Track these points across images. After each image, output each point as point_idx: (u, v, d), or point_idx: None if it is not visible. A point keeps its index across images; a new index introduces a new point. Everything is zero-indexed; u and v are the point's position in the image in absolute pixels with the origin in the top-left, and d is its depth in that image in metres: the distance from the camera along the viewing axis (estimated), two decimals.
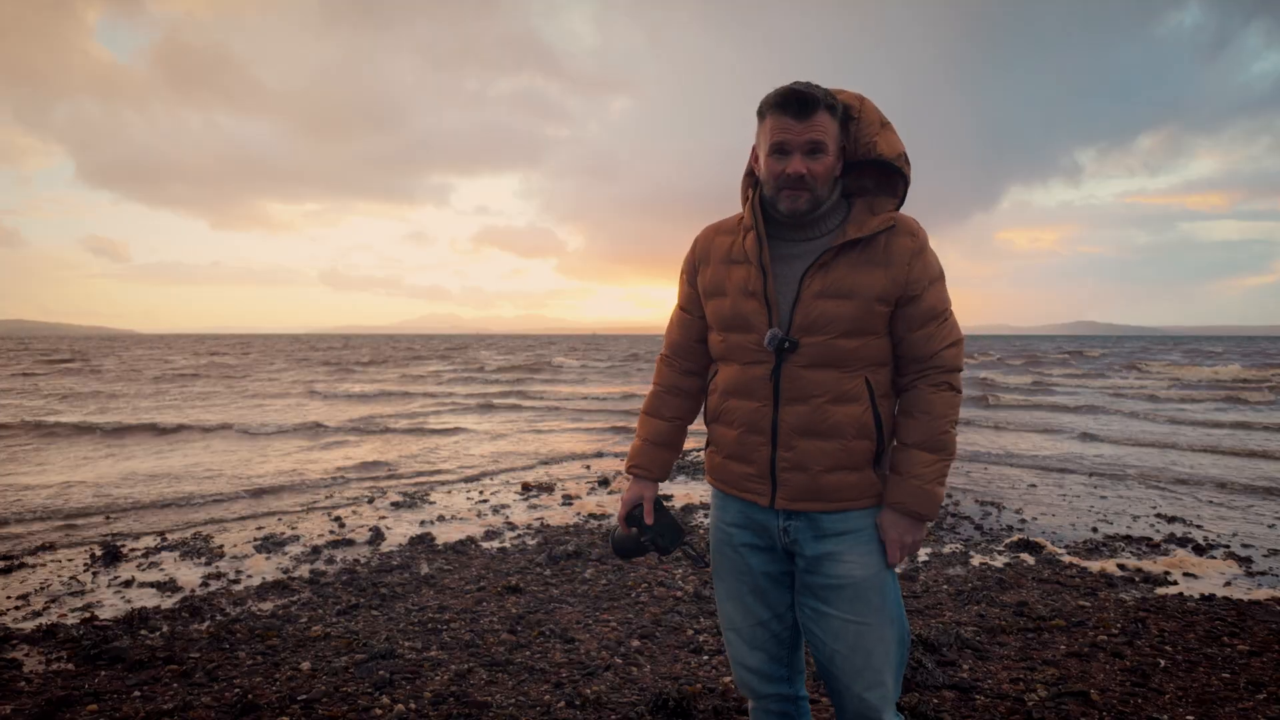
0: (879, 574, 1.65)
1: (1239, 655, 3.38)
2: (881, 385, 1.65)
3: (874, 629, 1.63)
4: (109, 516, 6.58)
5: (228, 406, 17.64)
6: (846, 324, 1.58)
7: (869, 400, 1.62)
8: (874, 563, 1.64)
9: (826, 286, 1.58)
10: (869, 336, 1.61)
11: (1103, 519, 6.44)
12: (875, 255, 1.60)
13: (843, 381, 1.61)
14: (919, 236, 1.63)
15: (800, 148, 1.55)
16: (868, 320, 1.59)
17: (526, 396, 21.24)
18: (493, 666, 3.27)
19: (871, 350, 1.62)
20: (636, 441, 1.89)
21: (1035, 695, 2.97)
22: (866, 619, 1.63)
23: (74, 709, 2.85)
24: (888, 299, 1.60)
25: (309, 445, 11.38)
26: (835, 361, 1.60)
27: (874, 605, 1.63)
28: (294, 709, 2.84)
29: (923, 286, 1.62)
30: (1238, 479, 8.36)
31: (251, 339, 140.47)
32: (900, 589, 1.75)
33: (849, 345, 1.60)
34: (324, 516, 6.50)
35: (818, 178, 1.56)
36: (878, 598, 1.64)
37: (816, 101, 1.53)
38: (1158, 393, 21.00)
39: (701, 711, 2.82)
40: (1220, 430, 12.98)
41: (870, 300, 1.59)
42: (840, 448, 1.61)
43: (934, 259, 1.65)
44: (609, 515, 6.46)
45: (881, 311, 1.60)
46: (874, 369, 1.64)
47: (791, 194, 1.57)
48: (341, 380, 27.46)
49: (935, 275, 1.64)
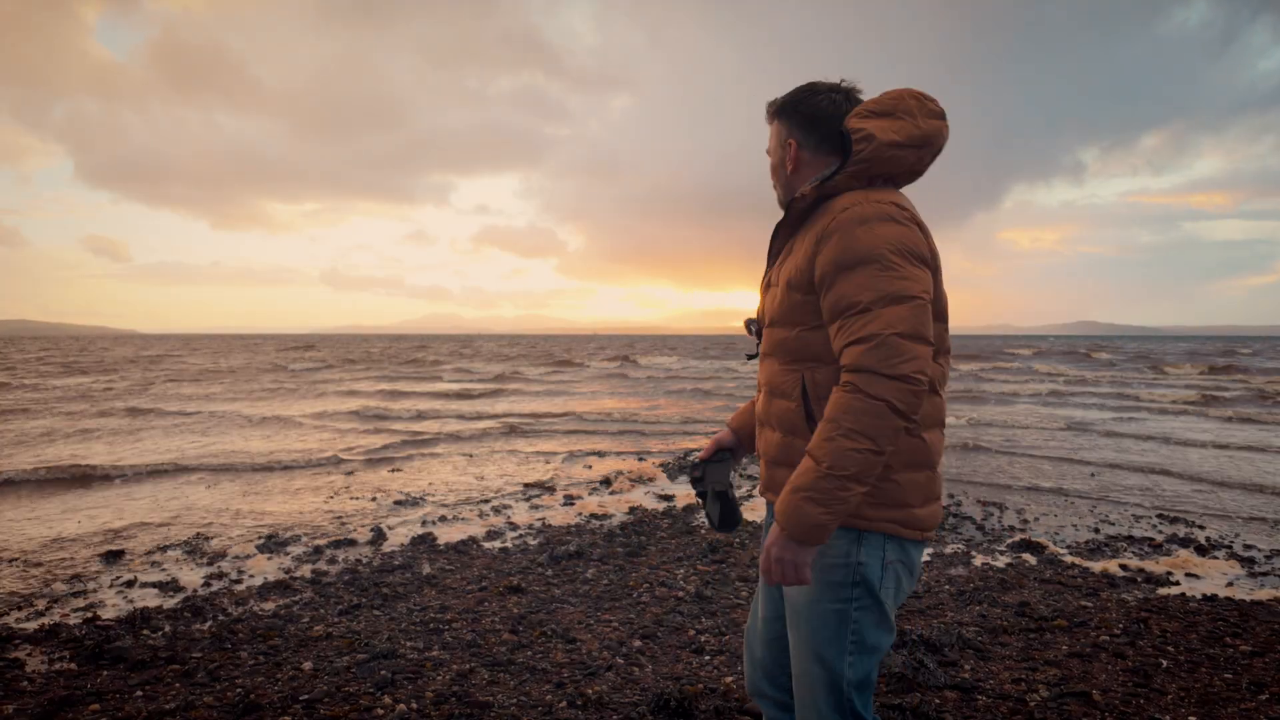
0: (813, 604, 1.52)
1: (1241, 656, 3.38)
2: (822, 385, 1.51)
3: (800, 657, 1.56)
4: (110, 517, 6.59)
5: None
6: (772, 312, 1.60)
7: (800, 398, 1.54)
8: (809, 590, 1.53)
9: (771, 274, 1.67)
10: (796, 328, 1.54)
11: (1104, 519, 6.44)
12: (801, 238, 1.56)
13: (780, 374, 1.59)
14: (840, 215, 1.45)
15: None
16: (788, 310, 1.55)
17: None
18: (494, 666, 3.27)
19: (803, 344, 1.54)
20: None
21: (1037, 695, 2.97)
22: (796, 642, 1.57)
23: (76, 709, 2.86)
24: (801, 287, 1.51)
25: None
26: (774, 352, 1.61)
27: (802, 634, 1.55)
28: (296, 709, 2.84)
29: (828, 272, 1.44)
30: (1239, 478, 8.36)
31: (255, 339, 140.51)
32: (862, 633, 1.51)
33: (779, 336, 1.59)
34: (326, 516, 6.50)
35: (773, 174, 1.70)
36: (806, 628, 1.54)
37: (768, 114, 1.69)
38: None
39: (703, 711, 2.82)
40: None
41: (785, 288, 1.56)
42: (781, 442, 1.59)
43: (858, 239, 1.42)
44: (610, 515, 6.46)
45: (799, 300, 1.52)
46: (811, 365, 1.53)
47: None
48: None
49: (853, 259, 1.41)
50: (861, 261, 1.41)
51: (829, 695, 1.52)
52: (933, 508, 1.55)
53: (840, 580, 1.50)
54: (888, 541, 1.51)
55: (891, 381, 1.35)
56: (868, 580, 1.50)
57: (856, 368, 1.37)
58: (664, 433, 13.14)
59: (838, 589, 1.50)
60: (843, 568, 1.50)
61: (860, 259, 1.41)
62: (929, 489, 1.53)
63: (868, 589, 1.50)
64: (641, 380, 28.30)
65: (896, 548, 1.52)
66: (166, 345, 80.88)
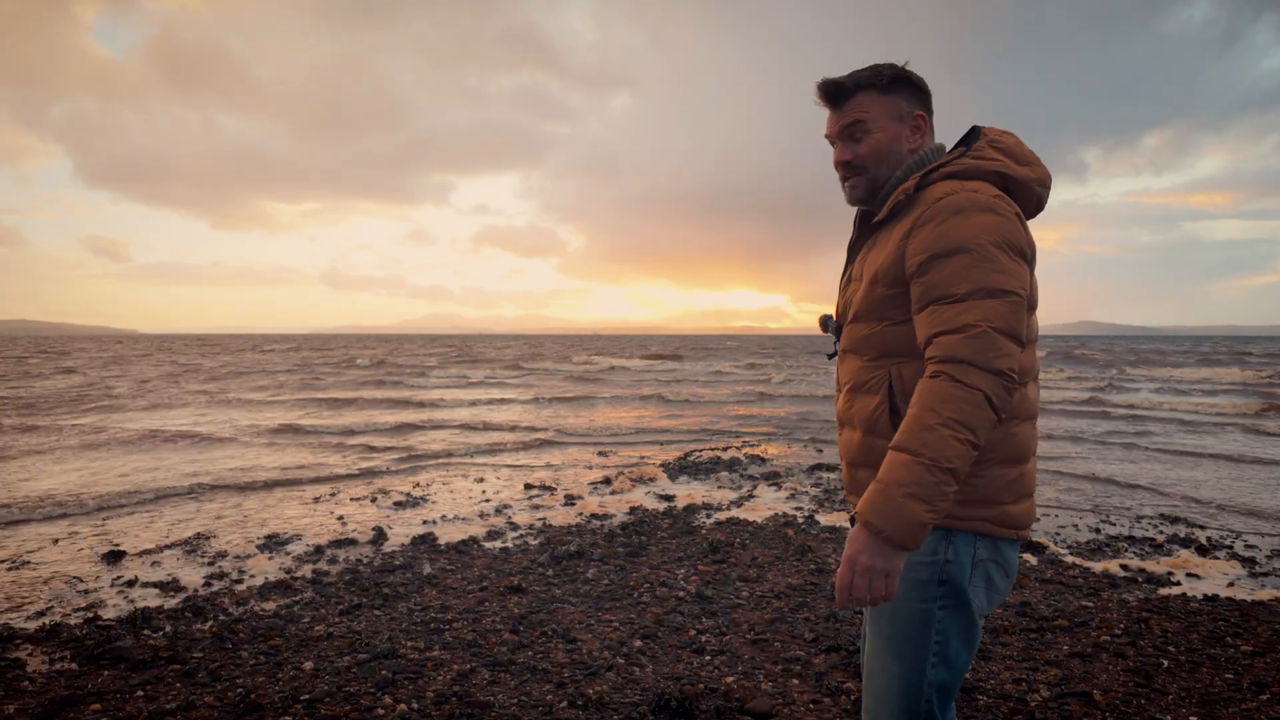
0: (898, 603, 1.45)
1: (1242, 656, 3.38)
2: (909, 381, 1.45)
3: (878, 655, 1.49)
4: (112, 515, 6.59)
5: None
6: (857, 308, 1.52)
7: (886, 395, 1.47)
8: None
9: (854, 271, 1.58)
10: (883, 323, 1.48)
11: (1105, 519, 6.43)
12: (890, 229, 1.48)
13: (863, 371, 1.52)
14: (936, 204, 1.38)
15: (839, 135, 1.54)
16: (874, 304, 1.48)
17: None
18: (495, 666, 3.27)
19: (890, 339, 1.47)
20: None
21: (1038, 695, 2.97)
22: (875, 641, 1.50)
23: (77, 708, 2.86)
24: (887, 279, 1.45)
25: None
26: (856, 348, 1.54)
27: (884, 632, 1.48)
28: (296, 709, 2.84)
29: (920, 261, 1.38)
30: (1240, 477, 8.35)
31: (260, 338, 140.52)
32: (945, 635, 1.44)
33: (863, 331, 1.52)
34: (327, 516, 6.51)
35: (865, 160, 1.51)
36: (889, 626, 1.47)
37: (845, 87, 1.51)
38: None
39: (703, 712, 2.82)
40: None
41: (871, 282, 1.49)
42: (863, 442, 1.52)
43: (955, 228, 1.35)
44: (611, 515, 6.46)
45: (885, 294, 1.46)
46: (900, 361, 1.46)
47: (846, 185, 1.56)
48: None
49: (949, 247, 1.34)
50: (958, 250, 1.33)
51: (905, 697, 1.45)
52: (1026, 504, 1.48)
53: (926, 578, 1.43)
54: (979, 540, 1.44)
55: (988, 375, 1.27)
56: (955, 580, 1.43)
57: (951, 357, 1.29)
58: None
59: (923, 587, 1.43)
60: (929, 565, 1.43)
61: (956, 248, 1.34)
62: (1022, 485, 1.47)
63: (954, 589, 1.43)
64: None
65: (989, 546, 1.44)
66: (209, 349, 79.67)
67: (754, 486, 7.80)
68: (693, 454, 10.13)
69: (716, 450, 10.47)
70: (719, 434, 12.87)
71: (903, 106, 1.51)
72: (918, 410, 1.29)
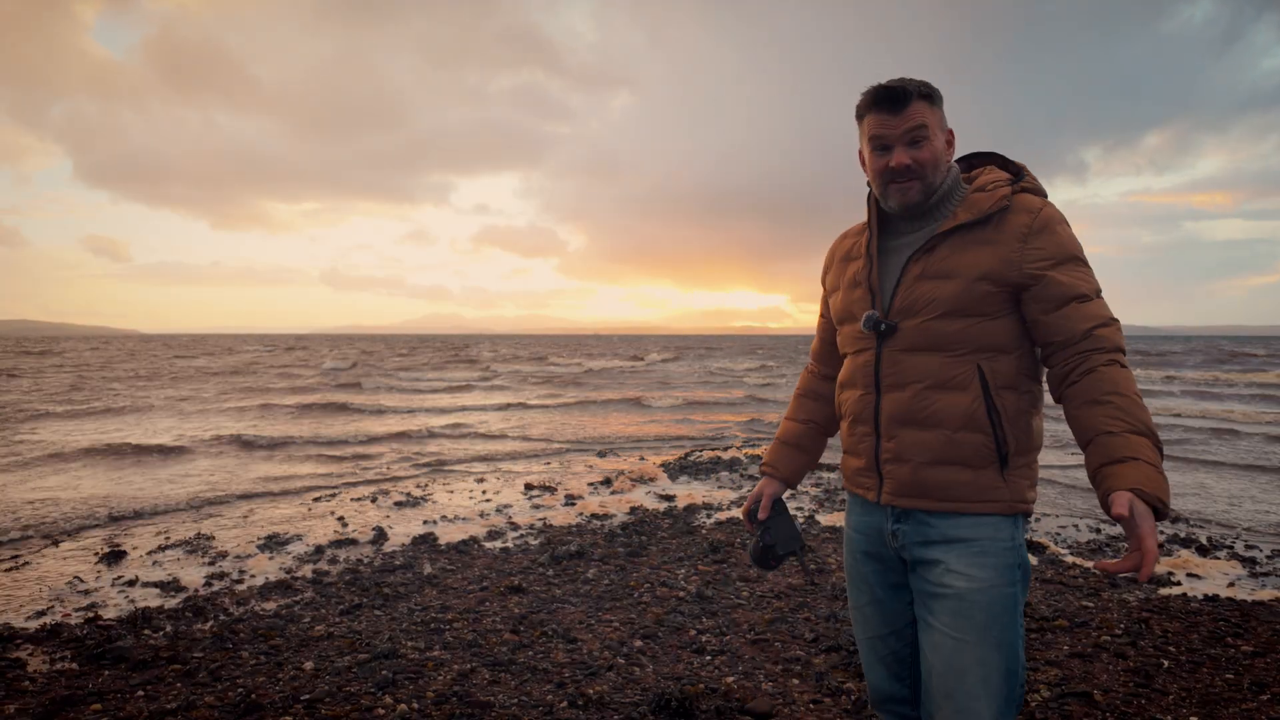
0: (989, 590, 1.49)
1: (1243, 656, 3.37)
2: (1001, 375, 1.52)
3: (971, 649, 1.48)
4: (113, 515, 6.60)
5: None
6: (946, 304, 1.53)
7: (980, 389, 1.51)
8: (984, 576, 1.49)
9: (928, 268, 1.56)
10: (976, 318, 1.52)
11: (1106, 519, 6.43)
12: (985, 234, 1.54)
13: (947, 367, 1.53)
14: (1040, 214, 1.52)
15: (900, 140, 1.56)
16: (971, 300, 1.52)
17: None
18: (495, 666, 3.27)
19: (981, 334, 1.52)
20: (773, 443, 1.95)
21: (1038, 696, 2.97)
22: (965, 635, 1.49)
23: (78, 708, 2.86)
24: (995, 278, 1.51)
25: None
26: (936, 345, 1.54)
27: (977, 623, 1.48)
28: (297, 709, 2.84)
29: (1046, 266, 1.49)
30: (1241, 478, 8.34)
31: (260, 338, 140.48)
32: (1021, 617, 1.52)
33: (951, 327, 1.53)
34: (328, 516, 6.51)
35: (925, 165, 1.56)
36: (983, 615, 1.48)
37: (908, 93, 1.54)
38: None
39: (704, 712, 2.82)
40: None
41: (972, 279, 1.51)
42: (944, 439, 1.52)
43: (1065, 238, 1.52)
44: (611, 515, 6.46)
45: (988, 291, 1.51)
46: (988, 355, 1.52)
47: (900, 186, 1.58)
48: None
49: (1065, 254, 1.50)
50: (1073, 257, 1.51)
51: (1005, 683, 1.48)
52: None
53: (1010, 563, 1.51)
54: (1023, 520, 1.57)
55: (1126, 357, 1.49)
56: (1025, 560, 1.55)
57: (1116, 346, 1.46)
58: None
59: (1010, 571, 1.51)
60: (1010, 550, 1.52)
61: (1071, 254, 1.51)
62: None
63: (1025, 569, 1.55)
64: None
65: (1025, 525, 1.60)
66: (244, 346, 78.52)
67: (754, 486, 7.80)
68: (693, 454, 10.14)
69: (717, 450, 10.48)
70: (720, 435, 12.87)
71: (944, 121, 1.60)
72: (1130, 395, 1.41)
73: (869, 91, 1.58)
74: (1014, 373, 1.53)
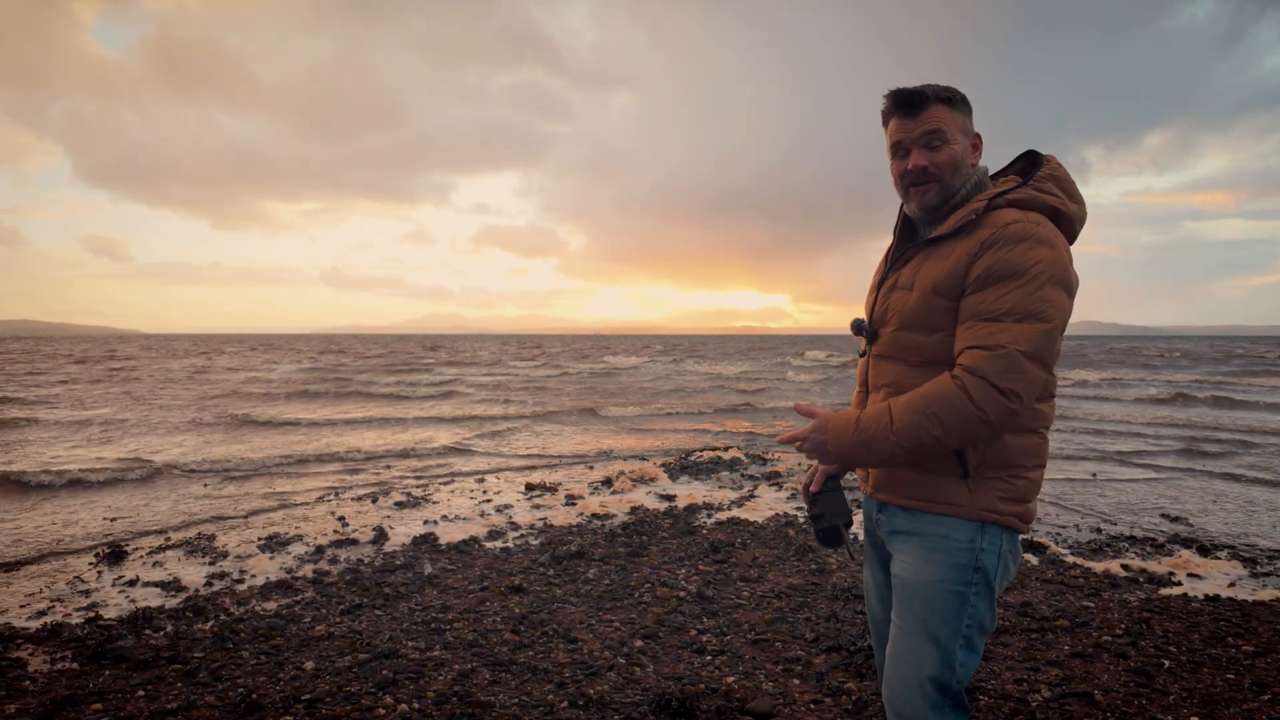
0: (933, 584, 1.55)
1: (1243, 656, 3.37)
2: None
3: (908, 638, 1.57)
4: (114, 515, 6.60)
5: None
6: (904, 317, 1.58)
7: None
8: (930, 571, 1.56)
9: (900, 279, 1.62)
10: (932, 332, 1.56)
11: (1106, 519, 6.43)
12: (949, 247, 1.55)
13: (906, 375, 1.59)
14: (1004, 229, 1.48)
15: (916, 142, 1.57)
16: (925, 314, 1.55)
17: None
18: (496, 666, 3.27)
19: (937, 347, 1.56)
20: None
21: (1039, 696, 2.97)
22: (904, 623, 1.58)
23: (78, 708, 2.86)
24: (946, 292, 1.53)
25: None
26: (900, 354, 1.61)
27: (916, 613, 1.56)
28: (298, 709, 2.84)
29: (980, 280, 1.48)
30: (1242, 478, 8.34)
31: (259, 339, 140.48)
32: (969, 620, 1.55)
33: (912, 339, 1.58)
34: (328, 516, 6.51)
35: (942, 168, 1.56)
36: (923, 607, 1.56)
37: (925, 97, 1.55)
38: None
39: (704, 711, 2.82)
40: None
41: (927, 293, 1.55)
42: None
43: (1016, 256, 1.46)
44: (612, 515, 6.46)
45: (941, 305, 1.54)
46: (944, 369, 1.54)
47: (919, 190, 1.59)
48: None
49: (1006, 271, 1.46)
50: (1011, 275, 1.46)
51: (938, 677, 1.53)
52: (1035, 502, 1.64)
53: (964, 564, 1.55)
54: (1004, 533, 1.57)
55: (997, 394, 1.41)
56: (986, 568, 1.56)
57: (972, 369, 1.44)
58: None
59: (962, 572, 1.55)
60: (967, 552, 1.55)
61: (1011, 272, 1.46)
62: (1039, 486, 1.63)
63: (986, 576, 1.56)
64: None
65: (1011, 539, 1.59)
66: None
67: (755, 486, 7.80)
68: (694, 454, 10.13)
69: (717, 450, 10.47)
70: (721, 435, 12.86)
71: (967, 125, 1.60)
72: (919, 393, 1.48)
73: (888, 96, 1.60)
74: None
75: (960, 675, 1.55)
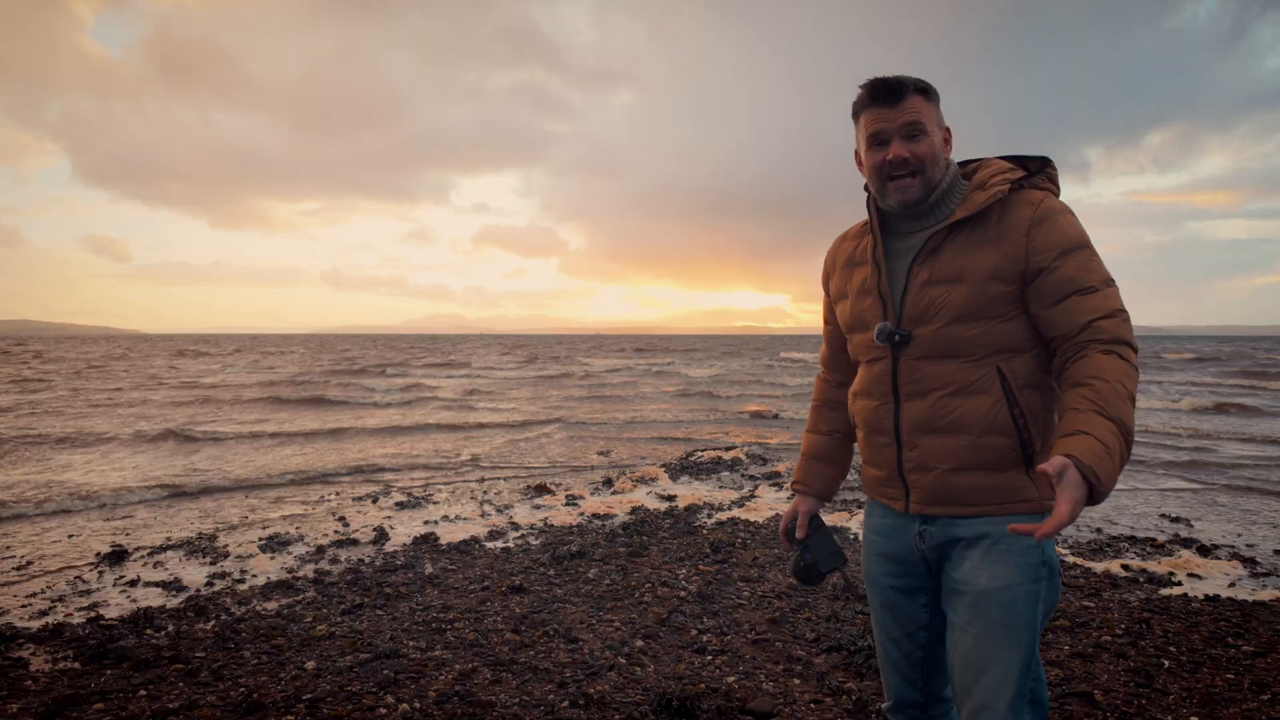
0: (1010, 588, 1.47)
1: (1244, 656, 3.38)
2: (1021, 375, 1.50)
3: (989, 645, 1.48)
4: (114, 515, 6.61)
5: None
6: (959, 309, 1.50)
7: (1001, 391, 1.49)
8: (1005, 574, 1.48)
9: (935, 272, 1.53)
10: (992, 320, 1.50)
11: (1107, 519, 6.43)
12: (988, 232, 1.50)
13: (965, 372, 1.51)
14: (1041, 205, 1.49)
15: (897, 133, 1.52)
16: (984, 303, 1.49)
17: None
18: (497, 666, 3.27)
19: (998, 336, 1.50)
20: (799, 459, 1.91)
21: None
22: (985, 632, 1.48)
23: (80, 708, 2.87)
24: (1006, 277, 1.48)
25: None
26: (953, 351, 1.51)
27: (996, 620, 1.48)
28: (299, 708, 2.85)
29: (1050, 257, 1.46)
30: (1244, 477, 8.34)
31: (260, 339, 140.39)
32: (1040, 615, 1.52)
33: (967, 332, 1.50)
34: (329, 516, 6.51)
35: (923, 159, 1.52)
36: (1002, 613, 1.47)
37: (905, 86, 1.52)
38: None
39: (705, 711, 2.83)
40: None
41: (983, 280, 1.49)
42: (968, 444, 1.50)
43: (1068, 227, 1.48)
44: (613, 515, 6.46)
45: (1001, 291, 1.48)
46: (1007, 356, 1.50)
47: (899, 183, 1.54)
48: None
49: (1070, 244, 1.47)
50: (1078, 246, 1.47)
51: (1019, 681, 1.47)
52: None
53: (1034, 561, 1.49)
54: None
55: (1135, 353, 1.43)
56: (1051, 559, 1.52)
57: (1117, 339, 1.42)
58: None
59: (1033, 569, 1.49)
60: (1034, 548, 1.49)
61: (1076, 244, 1.48)
62: None
63: (1052, 566, 1.53)
64: None
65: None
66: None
67: (755, 487, 7.81)
68: (694, 454, 10.14)
69: (718, 451, 10.48)
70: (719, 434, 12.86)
71: (941, 118, 1.57)
72: (1113, 382, 1.37)
73: (865, 85, 1.55)
74: (1035, 371, 1.51)
75: (1036, 672, 1.52)
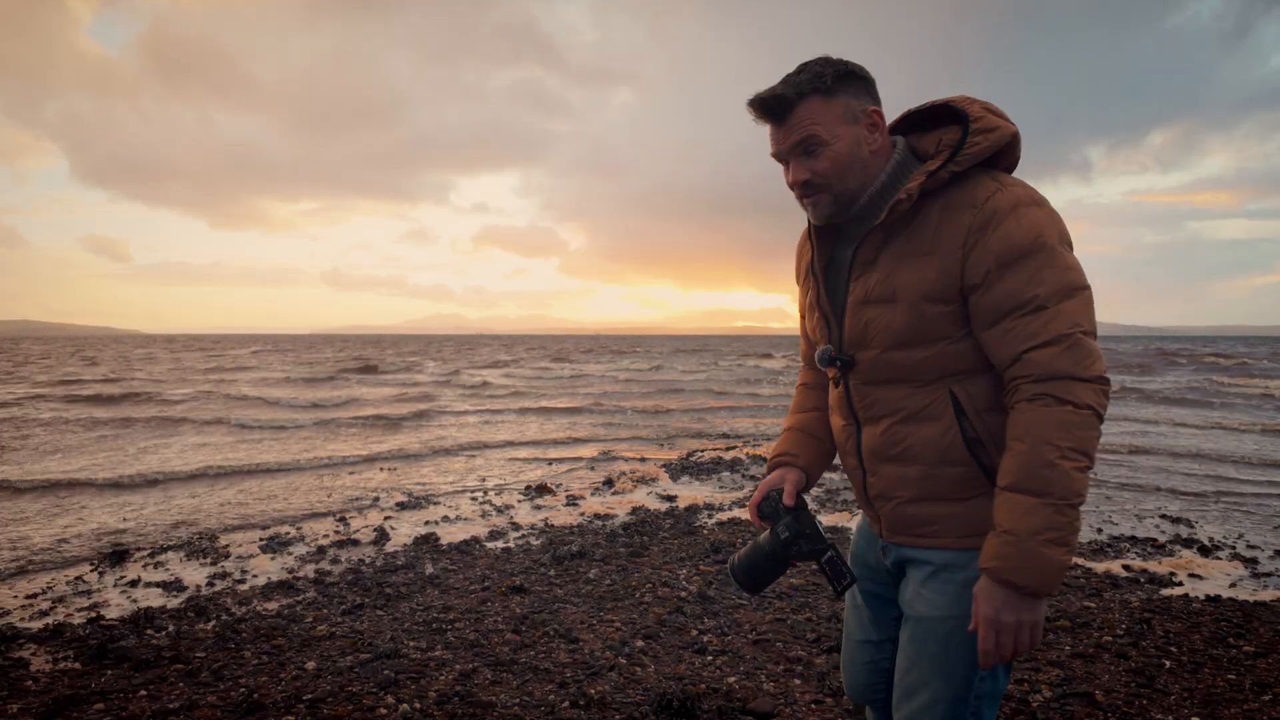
0: (948, 620, 1.35)
1: (1245, 656, 3.37)
2: (981, 398, 1.33)
3: (919, 671, 1.39)
4: (114, 514, 6.61)
5: None
6: (897, 334, 1.34)
7: (953, 417, 1.34)
8: (944, 605, 1.36)
9: (869, 291, 1.37)
10: (939, 343, 1.33)
11: (1108, 520, 6.43)
12: (924, 240, 1.31)
13: (915, 398, 1.36)
14: (986, 205, 1.27)
15: (790, 154, 1.37)
16: (924, 326, 1.32)
17: None
18: (497, 666, 3.27)
19: (949, 359, 1.33)
20: (780, 435, 1.67)
21: (1040, 696, 2.97)
22: (916, 661, 1.40)
23: (81, 708, 2.87)
24: (943, 296, 1.30)
25: None
26: (899, 376, 1.37)
27: (928, 650, 1.38)
28: (299, 708, 2.85)
29: (987, 269, 1.26)
30: (1243, 478, 8.34)
31: (259, 339, 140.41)
32: (974, 643, 1.34)
33: (909, 358, 1.35)
34: (329, 517, 6.51)
35: (827, 174, 1.34)
36: (936, 645, 1.37)
37: (787, 99, 1.32)
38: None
39: (705, 712, 2.83)
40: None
41: (916, 302, 1.31)
42: (923, 474, 1.37)
43: (1016, 230, 1.25)
44: (613, 515, 6.46)
45: (940, 312, 1.31)
46: (961, 379, 1.34)
47: (809, 202, 1.39)
48: None
49: (1015, 252, 1.25)
50: (1026, 253, 1.25)
51: (949, 710, 1.38)
52: None
53: (966, 599, 1.36)
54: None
55: (1091, 385, 1.21)
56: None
57: (1052, 374, 1.21)
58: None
59: (966, 605, 1.35)
60: (976, 579, 1.35)
61: (1024, 250, 1.25)
62: None
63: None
64: None
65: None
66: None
67: (756, 487, 7.80)
68: (695, 454, 10.14)
69: (719, 451, 10.48)
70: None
71: (854, 106, 1.34)
72: (1032, 444, 1.20)
73: (748, 104, 1.36)
74: (995, 392, 1.33)
75: (975, 707, 1.39)
